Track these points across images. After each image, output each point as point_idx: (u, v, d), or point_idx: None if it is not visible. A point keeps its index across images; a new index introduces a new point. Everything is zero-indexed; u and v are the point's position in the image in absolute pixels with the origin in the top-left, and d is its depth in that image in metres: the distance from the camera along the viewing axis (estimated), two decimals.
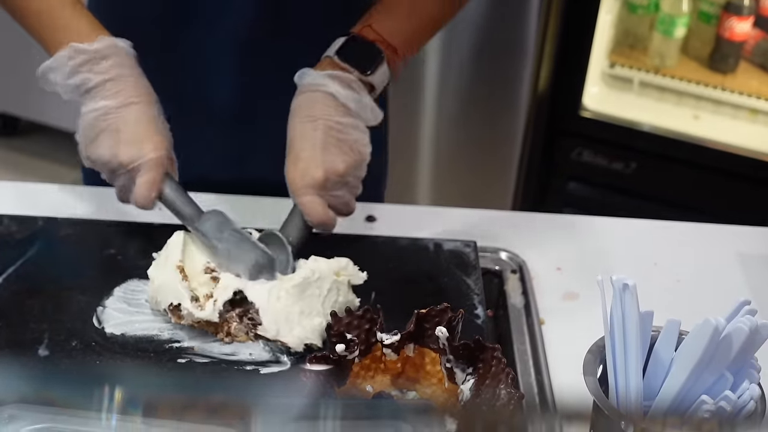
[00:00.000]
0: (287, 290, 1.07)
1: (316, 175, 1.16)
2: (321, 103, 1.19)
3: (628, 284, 0.90)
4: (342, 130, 1.19)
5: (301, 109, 1.20)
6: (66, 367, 1.04)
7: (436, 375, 1.01)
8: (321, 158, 1.17)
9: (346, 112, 1.20)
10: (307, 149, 1.17)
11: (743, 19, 2.39)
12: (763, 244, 1.38)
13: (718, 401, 0.88)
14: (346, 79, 1.21)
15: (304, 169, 1.16)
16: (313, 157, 1.17)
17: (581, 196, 2.56)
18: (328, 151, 1.17)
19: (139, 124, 1.15)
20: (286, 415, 0.78)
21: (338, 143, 1.18)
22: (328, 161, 1.17)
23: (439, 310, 1.00)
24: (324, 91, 1.20)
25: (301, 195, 1.16)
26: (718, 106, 2.50)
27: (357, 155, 1.19)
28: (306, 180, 1.16)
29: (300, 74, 1.22)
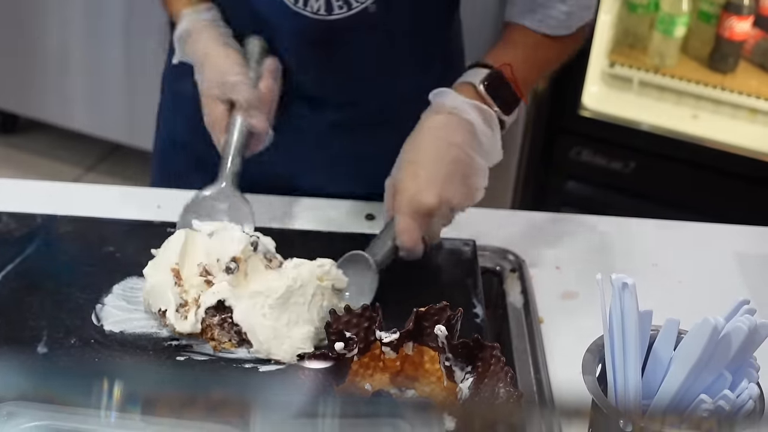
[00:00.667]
0: (271, 305, 1.06)
1: (429, 202, 1.13)
2: (459, 131, 1.16)
3: (627, 283, 0.90)
4: (471, 165, 1.16)
5: (437, 129, 1.17)
6: (65, 365, 1.04)
7: (435, 373, 1.01)
8: (441, 186, 1.13)
9: (478, 148, 1.17)
10: (431, 171, 1.14)
11: (743, 18, 2.38)
12: (762, 244, 1.38)
13: (716, 400, 0.88)
14: (489, 114, 1.18)
15: (419, 189, 1.13)
16: (433, 181, 1.13)
17: (580, 196, 2.56)
18: (451, 182, 1.14)
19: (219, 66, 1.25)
20: (285, 412, 0.78)
21: (462, 178, 1.15)
22: (447, 192, 1.13)
23: (438, 309, 1.00)
24: (465, 119, 1.17)
25: (404, 215, 1.13)
26: (718, 106, 2.50)
27: (473, 195, 1.17)
28: (417, 202, 1.13)
29: (439, 93, 1.20)
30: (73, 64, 2.84)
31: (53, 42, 2.85)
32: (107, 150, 3.06)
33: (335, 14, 1.25)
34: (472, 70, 1.23)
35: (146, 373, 0.97)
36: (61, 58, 2.86)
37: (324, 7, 1.24)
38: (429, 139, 1.17)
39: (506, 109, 1.21)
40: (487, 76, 1.21)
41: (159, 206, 1.33)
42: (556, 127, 2.53)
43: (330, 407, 0.77)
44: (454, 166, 1.15)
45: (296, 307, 1.07)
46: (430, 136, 1.17)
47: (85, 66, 2.83)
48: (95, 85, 2.83)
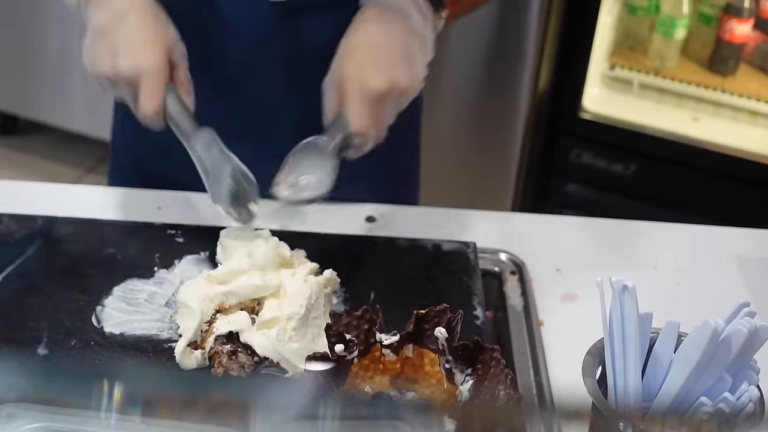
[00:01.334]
0: (294, 327, 1.05)
1: (380, 84, 1.09)
2: (396, 18, 1.13)
3: (627, 285, 0.90)
4: (411, 49, 1.13)
5: (374, 19, 1.14)
6: (65, 366, 1.04)
7: (435, 376, 1.01)
8: (388, 68, 1.10)
9: (419, 38, 1.14)
10: (373, 54, 1.10)
11: (743, 21, 2.39)
12: (763, 247, 1.38)
13: (716, 403, 0.88)
14: (424, 10, 1.16)
15: (365, 74, 1.09)
16: (378, 64, 1.10)
17: (581, 198, 2.56)
18: (396, 64, 1.11)
19: (134, 33, 1.11)
20: (285, 414, 0.78)
21: (406, 60, 1.12)
22: (394, 74, 1.10)
23: (439, 311, 1.00)
24: (399, 8, 1.15)
25: (354, 101, 1.09)
26: (718, 108, 2.50)
27: (418, 81, 1.13)
28: (366, 87, 1.09)
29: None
30: (73, 66, 2.84)
31: (53, 43, 2.85)
32: (107, 151, 3.05)
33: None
34: None
35: (146, 375, 0.97)
36: (62, 59, 2.86)
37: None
38: (367, 28, 1.14)
39: (438, 7, 1.19)
40: None
41: (159, 208, 1.33)
42: (557, 129, 2.53)
43: (330, 409, 0.77)
44: (397, 49, 1.12)
45: (315, 321, 1.07)
46: (368, 25, 1.14)
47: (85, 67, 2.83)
48: (95, 86, 2.83)
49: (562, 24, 2.41)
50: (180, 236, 1.23)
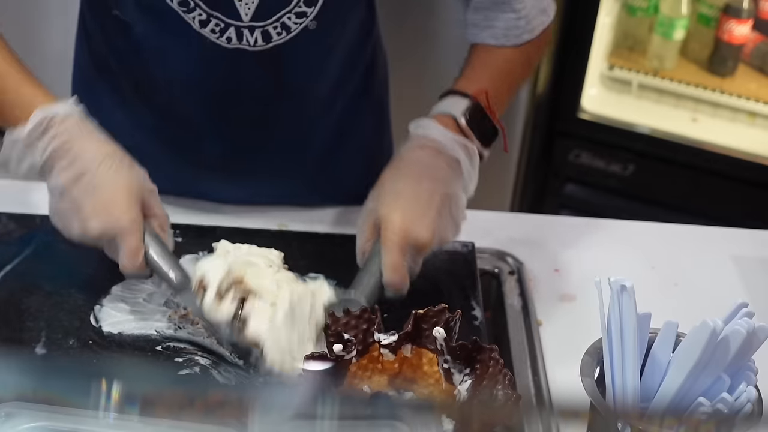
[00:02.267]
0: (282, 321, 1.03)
1: (423, 237, 1.09)
2: (446, 168, 1.14)
3: (625, 286, 0.90)
4: (456, 202, 1.14)
5: (424, 164, 1.14)
6: (63, 366, 1.04)
7: (433, 375, 1.01)
8: (433, 221, 1.10)
9: (463, 185, 1.15)
10: (421, 206, 1.10)
11: (742, 22, 2.39)
12: (761, 247, 1.38)
13: (715, 403, 0.88)
14: (472, 150, 1.17)
15: (410, 225, 1.09)
16: (425, 216, 1.09)
17: (579, 198, 2.56)
18: (441, 217, 1.11)
19: (99, 192, 1.07)
20: (283, 414, 0.78)
21: (450, 213, 1.13)
22: (439, 227, 1.10)
23: (437, 311, 1.00)
24: (451, 156, 1.15)
25: (393, 251, 1.08)
26: (717, 109, 2.50)
27: (458, 230, 1.15)
28: (409, 238, 1.09)
29: (421, 125, 1.18)
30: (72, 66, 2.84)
31: (53, 43, 2.85)
32: None
33: (274, 41, 1.20)
34: (451, 99, 1.20)
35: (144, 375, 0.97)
36: (61, 59, 2.86)
37: (261, 38, 1.19)
38: (415, 173, 1.13)
39: (485, 142, 1.21)
40: (468, 108, 1.19)
41: None
42: (555, 129, 2.53)
43: (328, 409, 0.77)
44: (443, 202, 1.12)
45: (302, 323, 1.05)
46: (417, 170, 1.14)
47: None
48: None
49: (561, 24, 2.41)
50: (178, 236, 1.23)
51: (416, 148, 1.17)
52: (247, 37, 1.19)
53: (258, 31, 1.19)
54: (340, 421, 0.76)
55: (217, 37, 1.19)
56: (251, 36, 1.19)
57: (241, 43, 1.20)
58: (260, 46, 1.20)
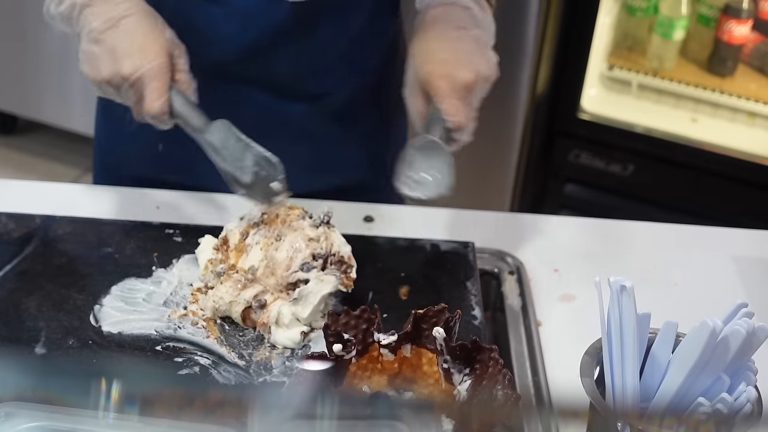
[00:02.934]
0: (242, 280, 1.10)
1: (466, 78, 1.15)
2: (462, 16, 1.20)
3: (625, 286, 0.90)
4: (482, 42, 1.20)
5: (441, 18, 1.20)
6: (63, 365, 1.04)
7: (432, 375, 1.01)
8: (471, 61, 1.16)
9: (482, 28, 1.21)
10: (455, 52, 1.17)
11: (742, 22, 2.39)
12: (760, 247, 1.38)
13: (714, 403, 0.88)
14: (480, 1, 1.23)
15: (450, 72, 1.15)
16: (462, 59, 1.16)
17: (579, 198, 2.56)
18: (474, 56, 1.17)
19: (134, 36, 1.13)
20: (283, 414, 0.78)
21: (481, 52, 1.19)
22: (477, 65, 1.17)
23: (437, 311, 1.00)
24: (462, 5, 1.21)
25: (448, 95, 1.14)
26: (716, 109, 2.51)
27: (494, 67, 1.19)
28: (456, 82, 1.15)
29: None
30: (71, 66, 2.84)
31: (52, 43, 2.85)
32: None
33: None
34: None
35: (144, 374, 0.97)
36: (61, 59, 2.86)
37: None
38: (439, 28, 1.20)
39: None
40: None
41: (157, 207, 1.33)
42: (555, 129, 2.53)
43: (328, 409, 0.77)
44: (472, 44, 1.19)
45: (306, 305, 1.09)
46: (439, 26, 1.20)
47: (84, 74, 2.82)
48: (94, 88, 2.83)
49: (560, 25, 2.41)
50: (178, 235, 1.23)
51: (430, 9, 1.22)
52: None
53: None
54: (339, 421, 0.76)
55: None
56: None
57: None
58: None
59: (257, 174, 1.12)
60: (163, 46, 1.14)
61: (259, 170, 1.12)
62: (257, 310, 1.09)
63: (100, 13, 1.14)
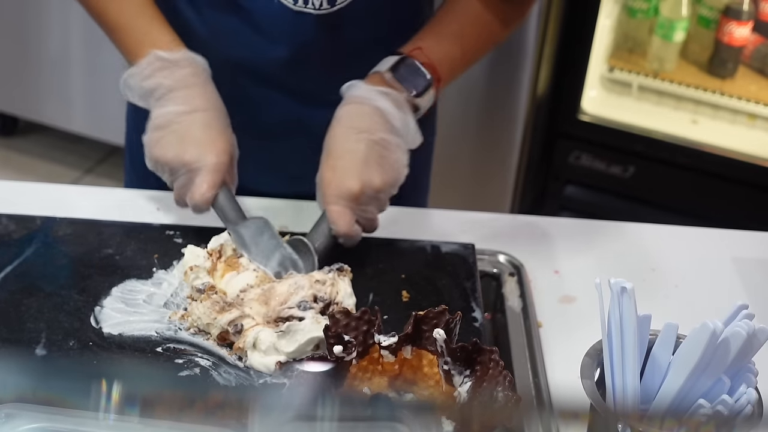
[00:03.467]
0: None
1: (352, 187, 1.16)
2: (368, 117, 1.20)
3: (626, 287, 0.90)
4: (386, 147, 1.19)
5: (347, 119, 1.20)
6: (63, 367, 1.04)
7: (433, 377, 1.01)
8: (360, 171, 1.17)
9: (391, 129, 1.20)
10: (347, 159, 1.17)
11: (742, 24, 2.39)
12: (761, 249, 1.38)
13: (715, 405, 0.88)
14: (397, 98, 1.22)
15: (340, 178, 1.17)
16: (352, 168, 1.17)
17: (579, 200, 2.56)
18: (368, 166, 1.17)
19: (206, 130, 1.18)
20: (283, 415, 0.78)
21: (380, 159, 1.18)
22: (366, 175, 1.17)
23: (437, 313, 1.00)
24: (373, 106, 1.20)
25: (331, 203, 1.16)
26: (717, 111, 2.51)
27: (395, 174, 1.20)
28: (341, 190, 1.16)
29: (348, 86, 1.23)
30: (72, 67, 2.84)
31: (53, 44, 2.86)
32: (106, 152, 3.06)
33: (339, 4, 1.26)
34: (384, 59, 1.26)
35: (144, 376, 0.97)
36: (61, 60, 2.86)
37: (327, 1, 1.25)
38: (341, 130, 1.20)
39: (418, 92, 1.24)
40: (395, 63, 1.24)
41: (158, 209, 1.33)
42: (556, 131, 2.53)
43: (328, 410, 0.77)
44: (368, 151, 1.18)
45: None
46: (342, 126, 1.20)
47: (85, 68, 2.83)
48: (94, 87, 2.83)
49: (561, 26, 2.41)
50: (179, 237, 1.23)
51: (343, 107, 1.22)
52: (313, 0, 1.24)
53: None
54: (340, 422, 0.76)
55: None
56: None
57: (307, 6, 1.25)
58: (324, 10, 1.25)
59: (278, 275, 1.14)
60: (228, 147, 1.19)
61: (281, 271, 1.15)
62: (234, 334, 1.08)
63: (181, 99, 1.19)
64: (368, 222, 1.20)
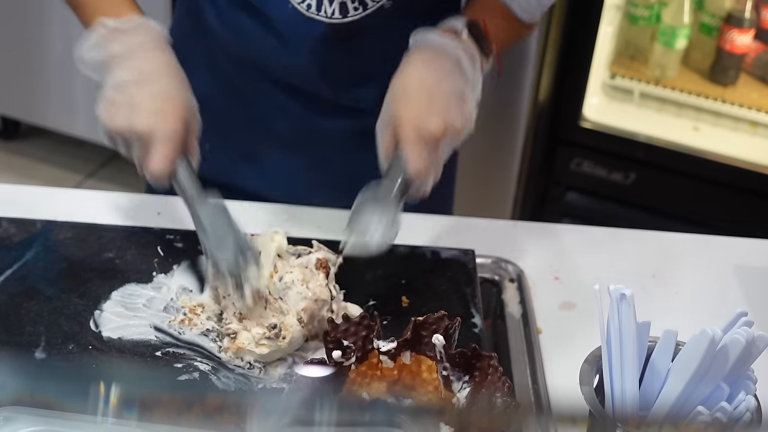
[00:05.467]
0: None
1: (435, 126, 1.11)
2: (448, 63, 1.17)
3: (625, 294, 0.90)
4: (463, 92, 1.16)
5: (427, 61, 1.17)
6: (62, 370, 1.04)
7: (432, 383, 1.01)
8: (443, 110, 1.13)
9: (467, 81, 1.18)
10: (430, 98, 1.13)
11: (744, 31, 2.39)
12: (761, 257, 1.38)
13: (714, 412, 0.88)
14: (472, 53, 1.20)
15: (421, 116, 1.12)
16: (434, 107, 1.13)
17: (580, 207, 2.56)
18: (450, 107, 1.14)
19: (159, 98, 1.13)
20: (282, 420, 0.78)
21: (459, 103, 1.15)
22: (449, 116, 1.13)
23: (436, 318, 1.00)
24: (452, 53, 1.18)
25: (411, 143, 1.11)
26: (718, 118, 2.51)
27: (470, 124, 1.16)
28: (422, 129, 1.11)
29: (420, 32, 1.21)
30: (74, 71, 2.84)
31: (56, 48, 2.86)
32: (108, 156, 3.06)
33: (350, 16, 1.25)
34: (452, 18, 1.24)
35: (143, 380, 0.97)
36: (63, 64, 2.87)
37: (338, 11, 1.25)
38: (421, 70, 1.17)
39: (486, 52, 1.23)
40: (468, 23, 1.22)
41: (159, 213, 1.33)
42: (557, 138, 2.53)
43: (327, 416, 0.77)
44: (450, 92, 1.15)
45: None
46: (421, 67, 1.17)
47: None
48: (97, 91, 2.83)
49: (563, 33, 2.41)
50: (179, 241, 1.23)
51: (418, 51, 1.20)
52: (326, 7, 1.23)
53: (336, 1, 1.23)
54: (338, 427, 0.76)
55: (299, 2, 1.23)
56: (330, 6, 1.23)
57: (319, 14, 1.24)
58: (336, 19, 1.24)
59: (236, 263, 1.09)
60: (182, 113, 1.14)
61: (236, 253, 1.09)
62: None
63: (132, 66, 1.15)
64: (437, 167, 1.14)
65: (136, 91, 1.14)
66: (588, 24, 2.37)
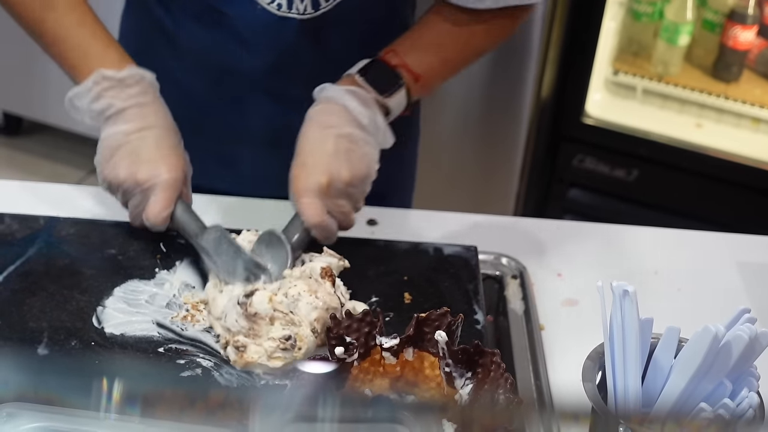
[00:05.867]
0: None
1: (320, 180, 1.17)
2: (335, 115, 1.21)
3: (628, 291, 0.90)
4: (353, 141, 1.20)
5: (315, 117, 1.22)
6: (65, 366, 1.04)
7: (434, 379, 1.01)
8: (327, 164, 1.18)
9: (358, 125, 1.21)
10: (315, 155, 1.19)
11: (747, 27, 2.39)
12: (764, 253, 1.38)
13: (716, 409, 0.88)
14: (364, 96, 1.23)
15: (308, 173, 1.18)
16: (319, 162, 1.18)
17: (583, 203, 2.56)
18: (336, 159, 1.19)
19: (158, 148, 1.19)
20: (285, 416, 0.79)
21: (347, 153, 1.20)
22: (334, 168, 1.18)
23: (439, 315, 1.00)
24: (340, 104, 1.22)
25: (300, 196, 1.18)
26: (721, 115, 2.50)
27: (364, 168, 1.20)
28: (309, 183, 1.17)
29: (320, 88, 1.25)
30: None
31: None
32: None
33: (322, 8, 1.28)
34: (358, 63, 1.27)
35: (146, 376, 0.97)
36: None
37: (311, 5, 1.27)
38: (310, 128, 1.21)
39: (383, 90, 1.25)
40: (366, 65, 1.26)
41: None
42: (560, 134, 2.53)
43: (329, 412, 0.77)
44: (335, 146, 1.19)
45: None
46: (311, 125, 1.22)
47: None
48: None
49: (565, 29, 2.41)
50: (181, 238, 1.23)
51: (313, 107, 1.24)
52: (297, 4, 1.26)
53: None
54: (341, 423, 0.76)
55: (268, 2, 1.25)
56: (301, 2, 1.26)
57: (291, 11, 1.27)
58: (309, 14, 1.27)
59: (247, 280, 1.14)
60: (181, 163, 1.20)
61: (248, 275, 1.14)
62: None
63: (131, 118, 1.20)
64: (343, 216, 1.20)
65: (136, 141, 1.19)
66: (591, 20, 2.37)
